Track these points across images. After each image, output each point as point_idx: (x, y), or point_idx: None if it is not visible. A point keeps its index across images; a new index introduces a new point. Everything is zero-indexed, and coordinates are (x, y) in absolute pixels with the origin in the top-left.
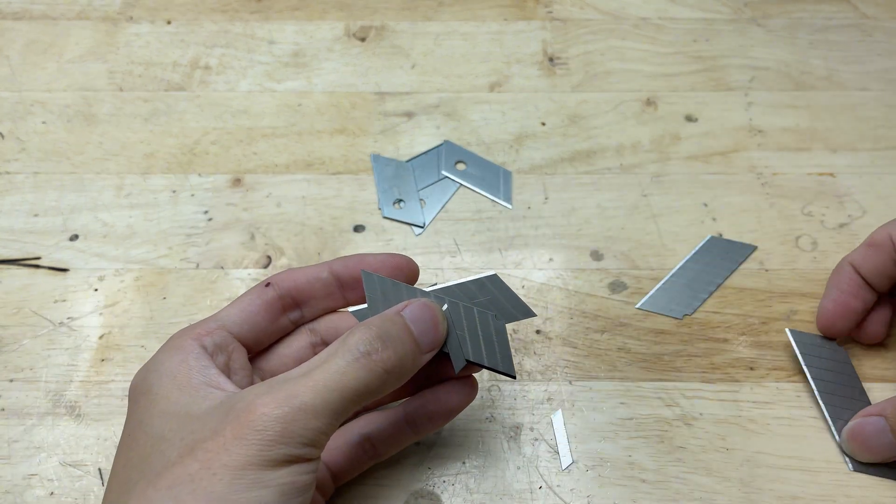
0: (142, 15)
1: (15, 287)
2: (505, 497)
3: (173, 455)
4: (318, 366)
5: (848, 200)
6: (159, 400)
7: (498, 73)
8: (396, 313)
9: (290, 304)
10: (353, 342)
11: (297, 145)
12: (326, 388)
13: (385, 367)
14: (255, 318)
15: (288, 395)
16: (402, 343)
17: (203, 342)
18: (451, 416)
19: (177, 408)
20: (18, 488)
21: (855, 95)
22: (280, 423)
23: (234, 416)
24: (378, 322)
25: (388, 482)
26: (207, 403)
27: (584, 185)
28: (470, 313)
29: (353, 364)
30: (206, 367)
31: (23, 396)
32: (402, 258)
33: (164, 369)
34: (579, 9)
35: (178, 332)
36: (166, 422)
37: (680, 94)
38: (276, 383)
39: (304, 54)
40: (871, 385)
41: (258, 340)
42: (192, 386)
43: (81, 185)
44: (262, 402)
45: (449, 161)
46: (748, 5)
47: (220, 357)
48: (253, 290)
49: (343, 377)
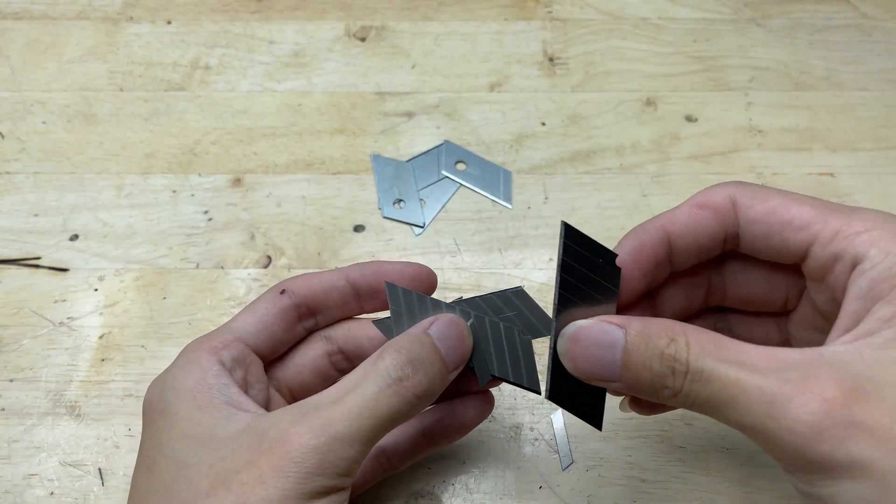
0: (142, 15)
1: (15, 287)
2: (505, 497)
3: (203, 485)
4: (349, 391)
5: (848, 200)
6: (179, 421)
7: (498, 73)
8: (424, 332)
9: (305, 313)
10: (383, 367)
11: (298, 145)
12: (360, 416)
13: (416, 393)
14: (271, 327)
15: (323, 424)
16: (432, 365)
17: (220, 357)
18: (468, 430)
19: (199, 430)
20: (18, 488)
21: (855, 95)
22: (317, 454)
23: (268, 446)
24: (407, 344)
25: (388, 482)
26: (233, 426)
27: (584, 185)
28: (496, 328)
29: (385, 391)
30: (227, 385)
31: (23, 396)
32: (422, 269)
33: (183, 387)
34: (579, 9)
35: (193, 343)
36: (189, 446)
37: (680, 94)
38: (307, 410)
39: (305, 54)
40: None
41: (274, 350)
42: (214, 406)
43: (81, 185)
44: (297, 432)
45: (449, 161)
46: (748, 5)
47: (238, 372)
48: (267, 297)
49: (377, 404)
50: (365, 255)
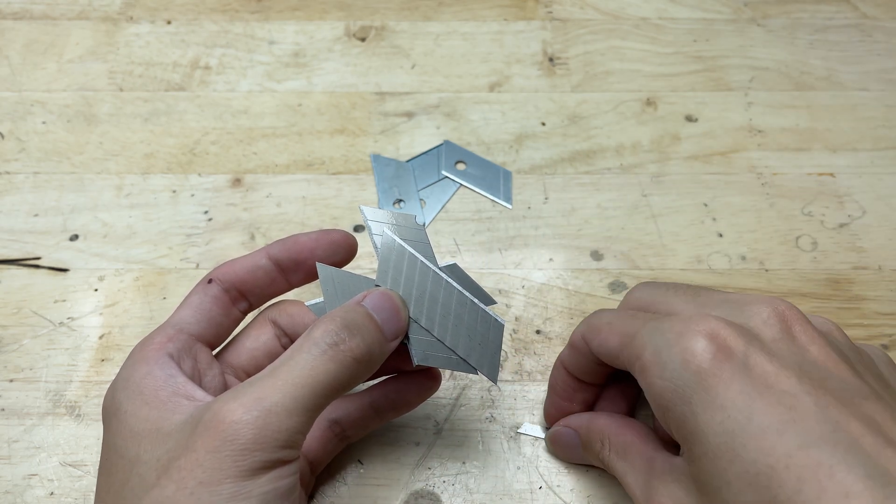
0: (142, 15)
1: (15, 287)
2: (505, 497)
3: (151, 477)
4: (283, 363)
5: (848, 200)
6: (128, 419)
7: (498, 73)
8: (357, 303)
9: (236, 297)
10: (318, 335)
11: (297, 145)
12: (295, 385)
13: (354, 357)
14: (208, 314)
15: (256, 398)
16: (368, 331)
17: (167, 349)
18: (412, 406)
19: (147, 425)
20: (18, 488)
21: (855, 95)
22: (251, 428)
23: (202, 428)
24: (341, 313)
25: (388, 482)
26: (177, 417)
27: (584, 185)
28: (463, 302)
29: (320, 357)
30: (173, 377)
31: (23, 396)
32: (338, 233)
33: (131, 385)
34: (579, 9)
35: (139, 343)
36: (139, 442)
37: (680, 94)
38: (242, 388)
39: (304, 54)
40: None
41: (218, 335)
42: (161, 400)
43: (81, 185)
44: (229, 410)
45: (449, 161)
46: (748, 5)
47: (187, 362)
48: (197, 289)
49: (312, 372)
50: (365, 255)
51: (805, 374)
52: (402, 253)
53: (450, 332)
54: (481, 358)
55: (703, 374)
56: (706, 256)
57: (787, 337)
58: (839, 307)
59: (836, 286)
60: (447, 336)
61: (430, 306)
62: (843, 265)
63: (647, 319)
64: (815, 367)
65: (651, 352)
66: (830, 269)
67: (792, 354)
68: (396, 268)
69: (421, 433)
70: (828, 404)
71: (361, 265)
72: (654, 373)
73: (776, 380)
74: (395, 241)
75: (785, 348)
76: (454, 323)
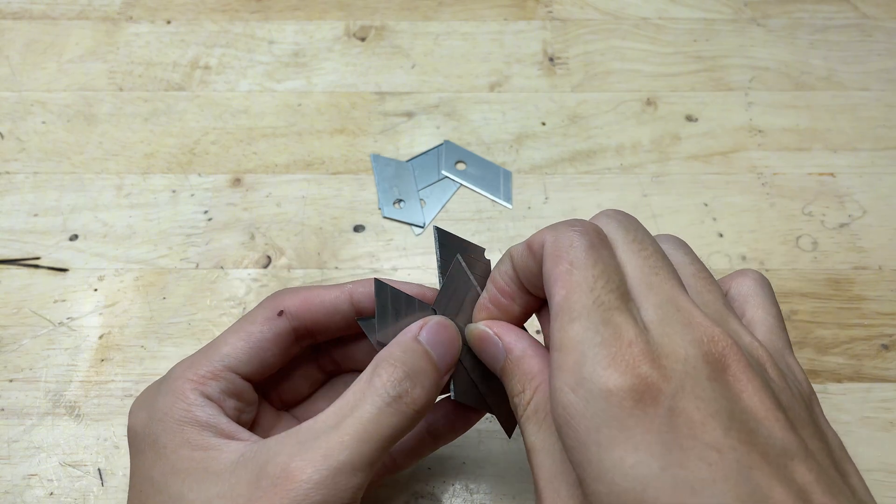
0: (142, 15)
1: (15, 287)
2: (505, 497)
3: None
4: (348, 414)
5: (848, 200)
6: (169, 455)
7: (498, 73)
8: (414, 339)
9: (303, 335)
10: (381, 386)
11: (297, 145)
12: (361, 441)
13: (416, 409)
14: (264, 353)
15: (324, 454)
16: (427, 376)
17: (206, 391)
18: (472, 423)
19: (191, 465)
20: (18, 488)
21: (855, 95)
22: (321, 489)
23: (268, 483)
24: (401, 356)
25: (388, 482)
26: (226, 458)
27: (584, 185)
28: None
29: (385, 410)
30: (215, 416)
31: (22, 396)
32: (426, 291)
33: (169, 419)
34: (579, 9)
35: (178, 369)
36: (182, 480)
37: (680, 94)
38: (306, 439)
39: (304, 54)
40: (871, 385)
41: (266, 374)
42: (204, 439)
43: (81, 185)
44: (297, 467)
45: (449, 161)
46: (748, 5)
47: (229, 402)
48: (262, 317)
49: (378, 426)
50: (365, 256)
51: (734, 426)
52: (466, 286)
53: (483, 377)
54: (502, 408)
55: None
56: (706, 256)
57: (721, 379)
58: (839, 307)
59: (836, 286)
60: (481, 382)
61: None
62: (843, 265)
63: (602, 293)
64: (745, 417)
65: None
66: (831, 269)
67: (723, 400)
68: (456, 298)
69: None
70: (752, 465)
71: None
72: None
73: (701, 430)
74: (464, 272)
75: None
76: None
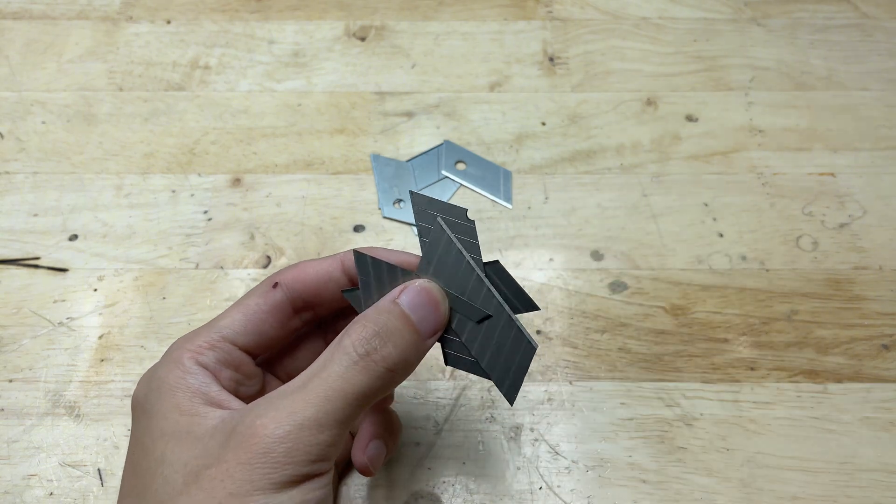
0: (141, 15)
1: (15, 287)
2: (505, 497)
3: (178, 482)
4: (315, 374)
5: (848, 200)
6: (159, 419)
7: (498, 73)
8: (391, 302)
9: (300, 306)
10: (348, 344)
11: (297, 145)
12: (327, 398)
13: (387, 366)
14: (261, 325)
15: (289, 412)
16: (402, 336)
17: (202, 359)
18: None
19: (177, 428)
20: (18, 488)
21: (855, 95)
22: (283, 443)
23: (236, 440)
24: (373, 316)
25: (388, 482)
26: (208, 423)
27: (584, 185)
28: (499, 314)
29: (352, 368)
30: (207, 384)
31: (22, 396)
32: (416, 258)
33: (164, 386)
34: (579, 9)
35: (178, 342)
36: (166, 443)
37: (680, 94)
38: (274, 399)
39: (304, 54)
40: (871, 385)
41: (266, 346)
42: (193, 405)
43: (81, 185)
44: (262, 424)
45: (449, 161)
46: (748, 5)
47: (226, 373)
48: (258, 291)
49: (344, 384)
50: None
51: None
52: (448, 248)
53: (478, 341)
54: (503, 375)
55: None
56: (706, 256)
57: None
58: (839, 307)
59: (836, 286)
60: (474, 345)
61: None
62: (843, 265)
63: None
64: None
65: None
66: (831, 269)
67: None
68: (440, 261)
69: (421, 433)
70: None
71: None
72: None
73: None
74: (444, 233)
75: None
76: (485, 334)
